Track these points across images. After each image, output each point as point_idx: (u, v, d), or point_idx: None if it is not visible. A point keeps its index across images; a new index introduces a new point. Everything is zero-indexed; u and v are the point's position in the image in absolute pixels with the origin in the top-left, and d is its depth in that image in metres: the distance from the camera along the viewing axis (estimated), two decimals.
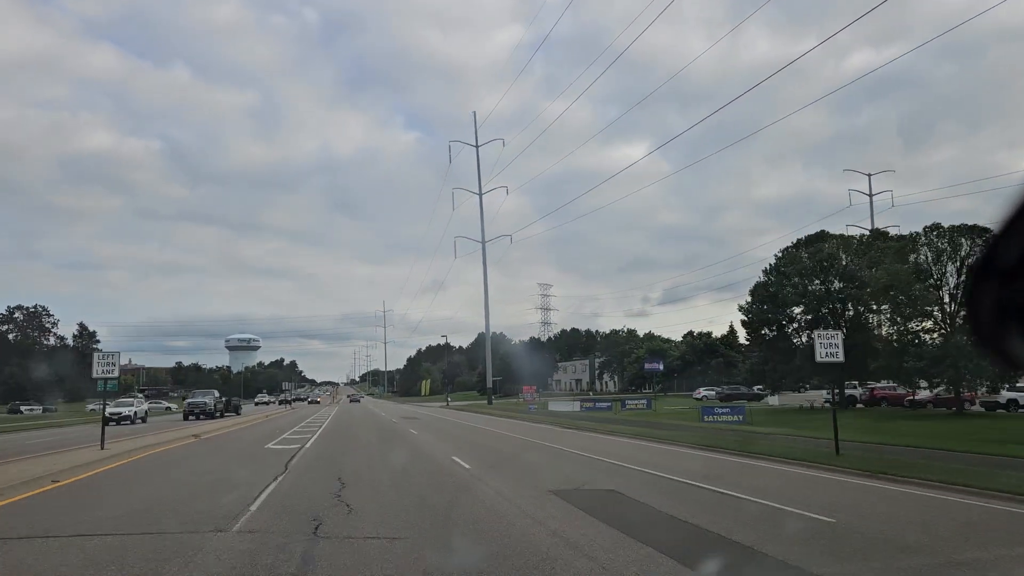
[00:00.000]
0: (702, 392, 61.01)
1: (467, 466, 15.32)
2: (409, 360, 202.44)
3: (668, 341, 78.39)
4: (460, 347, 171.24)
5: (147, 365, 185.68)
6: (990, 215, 1.32)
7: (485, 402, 78.04)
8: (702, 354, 70.56)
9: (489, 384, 65.62)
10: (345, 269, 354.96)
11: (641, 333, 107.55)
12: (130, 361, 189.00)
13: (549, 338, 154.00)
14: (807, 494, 11.05)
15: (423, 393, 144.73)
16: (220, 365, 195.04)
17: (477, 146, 68.21)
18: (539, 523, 8.52)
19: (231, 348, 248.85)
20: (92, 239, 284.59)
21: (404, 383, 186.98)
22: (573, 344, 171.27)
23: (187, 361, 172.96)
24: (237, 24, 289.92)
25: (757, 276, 40.40)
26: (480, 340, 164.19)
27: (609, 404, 43.41)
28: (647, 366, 65.81)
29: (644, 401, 44.05)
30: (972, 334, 1.30)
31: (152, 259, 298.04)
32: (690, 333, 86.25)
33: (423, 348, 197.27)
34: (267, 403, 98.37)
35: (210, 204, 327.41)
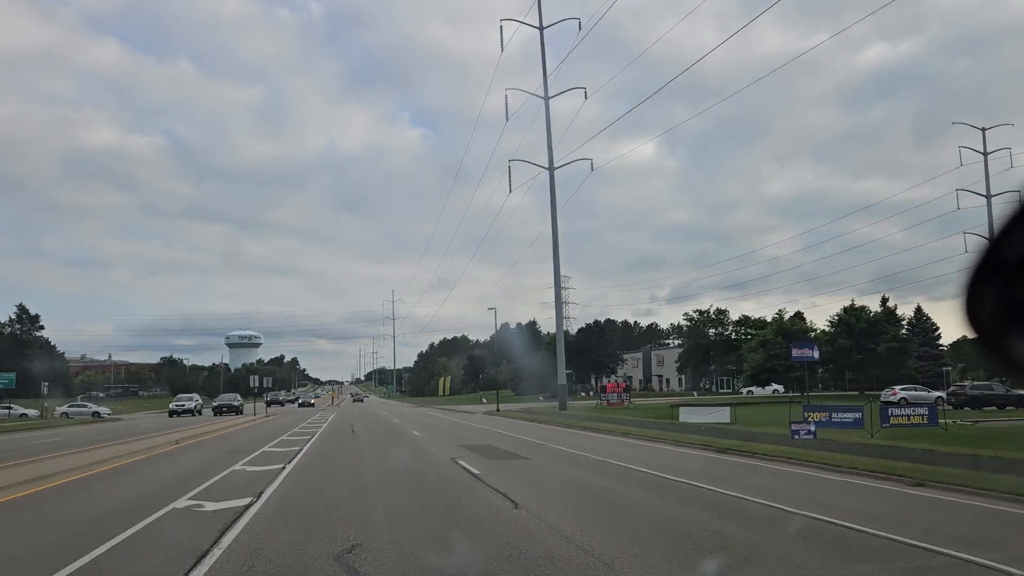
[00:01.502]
0: (900, 393, 40.04)
1: None
2: (421, 356, 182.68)
3: (795, 323, 57.56)
4: (477, 341, 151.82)
5: (131, 361, 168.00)
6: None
7: (537, 403, 57.72)
8: (861, 338, 49.82)
9: (562, 380, 44.63)
10: (351, 267, 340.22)
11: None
12: (109, 356, 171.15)
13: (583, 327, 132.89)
14: None
15: (440, 392, 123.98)
16: (215, 362, 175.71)
17: (541, 28, 47.04)
18: None
19: (231, 345, 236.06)
20: (97, 236, 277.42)
21: (416, 381, 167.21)
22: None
23: (192, 361, 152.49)
24: (242, 18, 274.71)
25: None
26: (503, 334, 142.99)
27: (857, 415, 22.79)
28: (795, 353, 43.93)
29: (924, 411, 23.33)
30: (973, 336, 1.24)
31: (157, 257, 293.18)
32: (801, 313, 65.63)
33: (436, 343, 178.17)
34: (191, 412, 53.06)
35: (215, 201, 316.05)
